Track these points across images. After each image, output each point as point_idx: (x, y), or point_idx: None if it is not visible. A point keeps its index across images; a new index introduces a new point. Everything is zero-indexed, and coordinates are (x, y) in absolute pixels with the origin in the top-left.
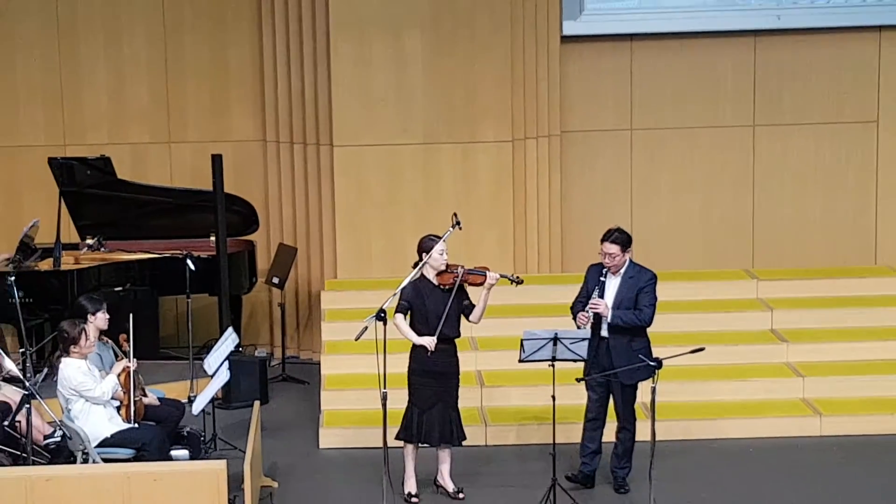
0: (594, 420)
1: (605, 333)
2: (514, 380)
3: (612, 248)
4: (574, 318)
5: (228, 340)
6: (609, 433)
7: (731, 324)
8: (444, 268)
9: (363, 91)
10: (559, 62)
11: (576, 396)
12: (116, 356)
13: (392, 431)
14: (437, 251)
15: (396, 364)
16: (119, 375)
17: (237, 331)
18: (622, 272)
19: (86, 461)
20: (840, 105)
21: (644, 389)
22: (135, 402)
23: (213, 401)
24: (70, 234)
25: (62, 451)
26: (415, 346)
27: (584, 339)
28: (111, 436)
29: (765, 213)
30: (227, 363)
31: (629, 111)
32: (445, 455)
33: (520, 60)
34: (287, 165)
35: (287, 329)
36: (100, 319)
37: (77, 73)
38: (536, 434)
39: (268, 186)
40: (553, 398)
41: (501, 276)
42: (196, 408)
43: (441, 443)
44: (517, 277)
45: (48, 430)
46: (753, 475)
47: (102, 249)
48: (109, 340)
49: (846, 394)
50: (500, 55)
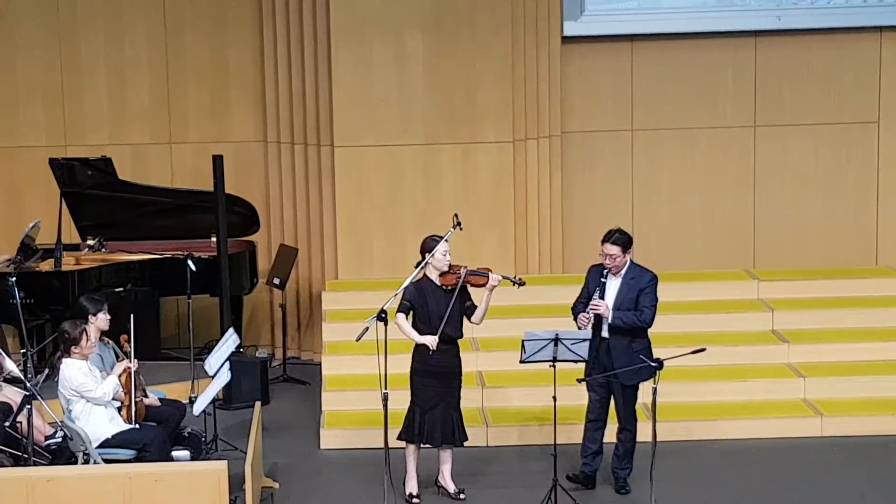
0: (595, 421)
1: (606, 334)
2: (516, 380)
3: (613, 249)
4: (575, 319)
5: (229, 341)
6: (610, 434)
7: (732, 324)
8: (448, 268)
9: (364, 92)
10: (560, 63)
11: (577, 397)
12: (117, 357)
13: (393, 432)
14: (441, 252)
15: (397, 365)
16: (120, 376)
17: (238, 331)
18: (623, 273)
19: (87, 462)
20: (840, 105)
21: (645, 390)
22: (136, 403)
23: (214, 401)
24: (71, 235)
25: (63, 452)
26: (417, 346)
27: (585, 340)
28: (112, 436)
29: (765, 214)
30: (228, 364)
31: (630, 112)
32: (447, 455)
33: (520, 61)
34: (288, 166)
35: (288, 330)
36: (101, 320)
37: (78, 74)
38: (537, 435)
39: (269, 187)
40: (554, 399)
41: (503, 278)
42: (197, 408)
43: (443, 443)
44: (519, 279)
45: (49, 431)
46: (754, 476)
47: (103, 250)
48: (110, 341)
49: (847, 394)
50: (501, 56)
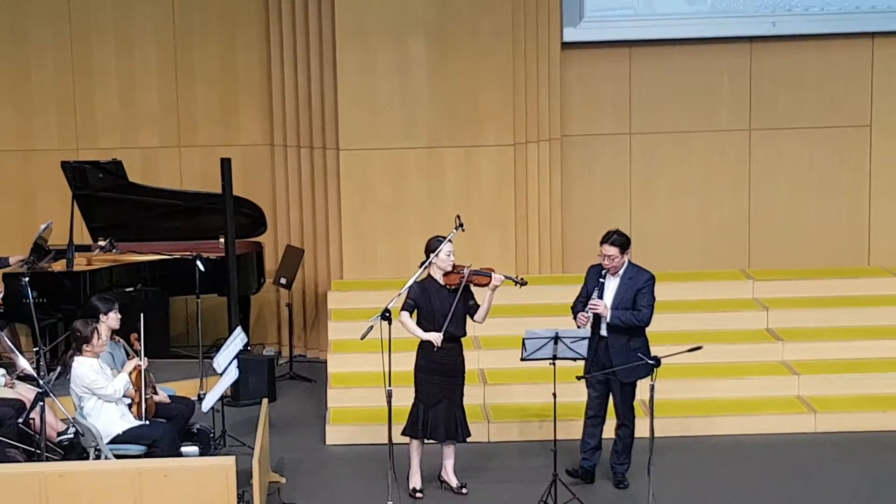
0: (594, 417)
1: (605, 333)
2: (517, 378)
3: (611, 250)
4: (574, 318)
5: (237, 339)
6: (609, 430)
7: (728, 323)
8: (451, 268)
9: (368, 96)
10: (559, 68)
11: (576, 394)
12: (128, 355)
13: (397, 428)
14: (445, 252)
15: (401, 362)
16: (130, 374)
17: (245, 330)
18: (621, 273)
19: (98, 457)
20: (834, 110)
21: (643, 387)
22: (146, 400)
23: (223, 398)
24: (83, 236)
25: (75, 448)
26: (422, 344)
27: (584, 339)
28: (123, 432)
29: (760, 215)
30: (236, 362)
31: (628, 116)
32: (450, 451)
33: (521, 66)
34: (294, 169)
35: (294, 328)
36: (112, 319)
37: (89, 79)
38: (538, 431)
39: (275, 189)
40: (554, 396)
41: (506, 278)
42: (206, 405)
43: (446, 439)
44: (521, 279)
45: (61, 427)
46: (750, 471)
47: (114, 251)
48: (121, 339)
49: (840, 391)
50: (502, 61)
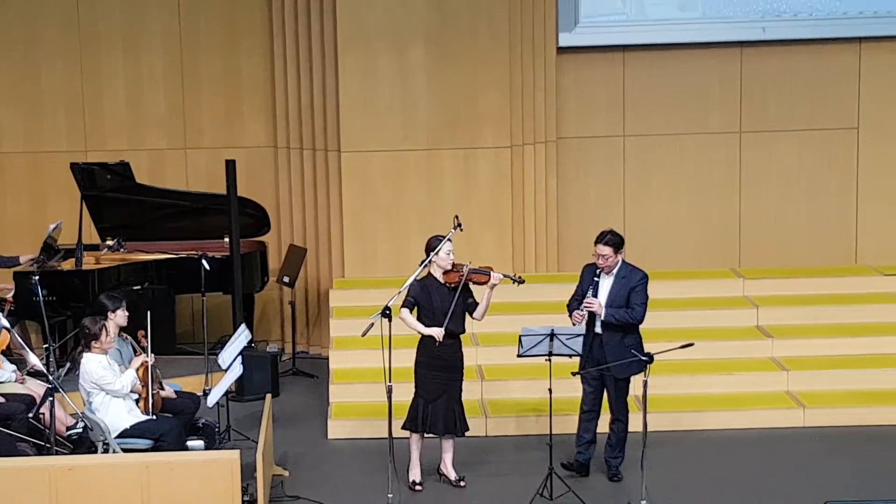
0: (589, 412)
1: (599, 330)
2: (513, 374)
3: (605, 250)
4: (570, 316)
5: (241, 336)
6: (603, 424)
7: (719, 320)
8: (451, 267)
9: (369, 100)
10: (555, 72)
11: (571, 389)
12: (135, 351)
13: (397, 423)
14: (445, 251)
15: (401, 359)
16: (138, 370)
17: (250, 327)
18: (615, 272)
19: (106, 451)
20: (822, 113)
21: (636, 383)
22: (153, 395)
23: (227, 394)
24: (91, 236)
25: (84, 442)
26: (422, 340)
27: (580, 336)
28: (130, 427)
29: (751, 216)
30: (241, 358)
31: (622, 119)
32: (448, 445)
33: (518, 71)
34: (297, 170)
35: (297, 326)
36: (119, 317)
37: (98, 83)
38: (534, 425)
39: (279, 190)
40: (550, 391)
41: (504, 276)
42: (211, 400)
43: (445, 433)
44: (519, 277)
45: (70, 422)
46: (740, 464)
47: (122, 250)
48: (129, 336)
49: (828, 387)
50: (500, 66)
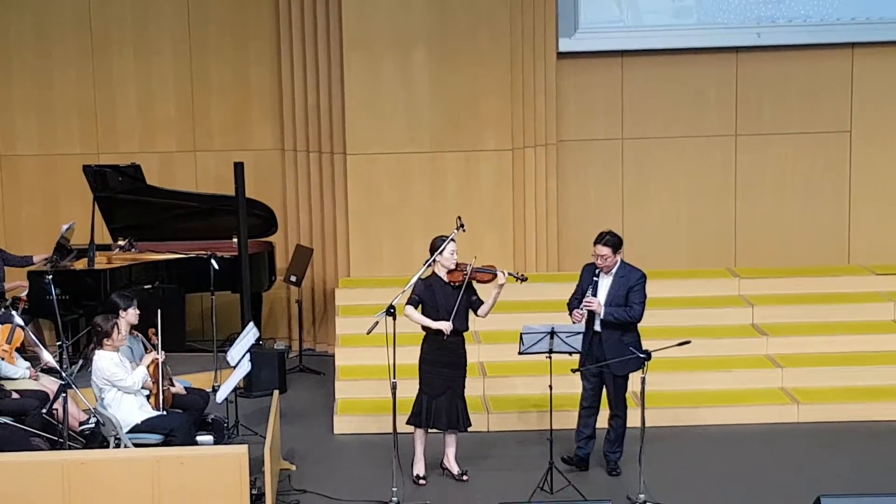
0: (588, 408)
1: (599, 328)
2: (515, 370)
3: (604, 250)
4: (570, 314)
5: (250, 334)
6: (602, 420)
7: (715, 319)
8: (455, 266)
9: (374, 103)
10: (555, 76)
11: (571, 386)
12: (146, 349)
13: (401, 418)
14: (449, 250)
15: (405, 356)
16: (148, 367)
17: (258, 325)
18: (614, 272)
19: (118, 446)
20: (816, 116)
21: (634, 379)
22: (163, 391)
23: (236, 390)
24: (103, 236)
25: (96, 437)
26: (426, 337)
27: (579, 333)
28: (141, 422)
29: (746, 217)
30: (249, 355)
31: (620, 122)
32: (451, 440)
33: (519, 75)
34: (304, 172)
35: (304, 324)
36: (131, 315)
37: (110, 88)
38: (535, 421)
39: (286, 192)
40: (550, 388)
41: (508, 274)
42: (220, 396)
43: (448, 428)
44: (522, 275)
45: (83, 418)
46: (736, 458)
47: (133, 250)
48: (139, 334)
49: (822, 383)
50: (501, 70)
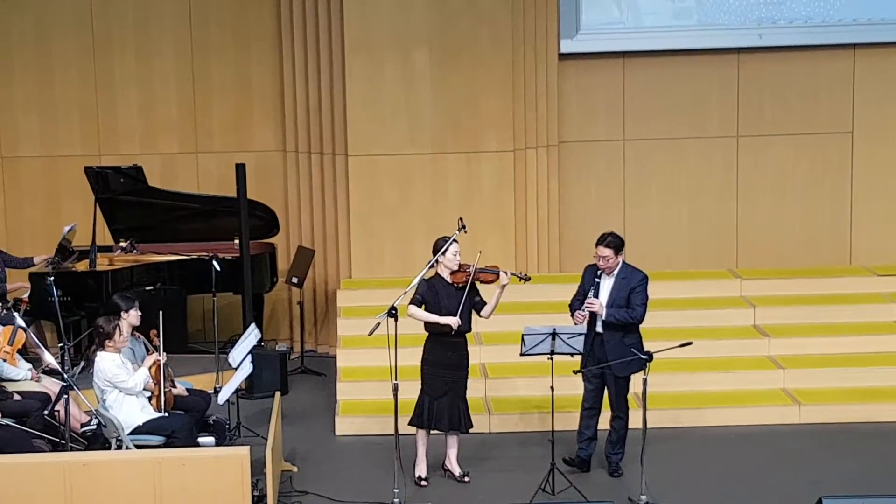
0: (590, 409)
1: (600, 329)
2: (517, 372)
3: (606, 252)
4: (572, 316)
5: (251, 336)
6: (604, 421)
7: (717, 320)
8: (458, 267)
9: (375, 105)
10: (557, 78)
11: (573, 387)
12: (148, 350)
13: (403, 420)
14: (451, 251)
15: (407, 357)
16: (150, 368)
17: (259, 327)
18: (615, 273)
19: (119, 447)
20: (817, 117)
21: (636, 380)
22: (165, 393)
23: (238, 391)
24: (105, 238)
25: (98, 438)
26: (429, 339)
27: (581, 335)
28: (143, 424)
29: (747, 217)
30: (250, 356)
31: (622, 123)
32: (453, 441)
33: (520, 76)
34: (305, 174)
35: (305, 325)
36: (132, 316)
37: (111, 89)
38: (537, 422)
39: (287, 193)
40: (552, 389)
41: (511, 274)
42: (221, 398)
43: (450, 429)
44: (525, 275)
45: (85, 419)
46: (737, 459)
47: (135, 251)
48: (141, 336)
49: (823, 384)
50: (502, 72)
